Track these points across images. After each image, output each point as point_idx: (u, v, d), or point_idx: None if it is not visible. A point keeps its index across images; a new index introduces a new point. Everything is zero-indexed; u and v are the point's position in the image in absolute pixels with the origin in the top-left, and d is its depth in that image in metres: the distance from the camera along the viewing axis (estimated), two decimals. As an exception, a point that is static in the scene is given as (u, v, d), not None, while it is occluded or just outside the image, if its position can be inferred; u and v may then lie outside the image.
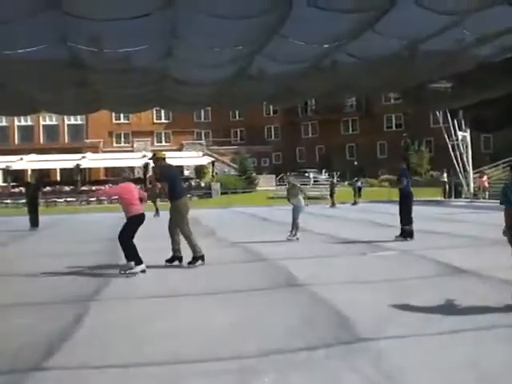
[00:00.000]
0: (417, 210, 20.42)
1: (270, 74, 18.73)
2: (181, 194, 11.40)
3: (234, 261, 11.62)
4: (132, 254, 10.29)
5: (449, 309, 6.80)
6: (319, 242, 14.82)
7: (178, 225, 11.23)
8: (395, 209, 15.75)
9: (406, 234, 14.18)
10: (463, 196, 37.10)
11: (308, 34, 14.67)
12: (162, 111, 64.47)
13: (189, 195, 11.67)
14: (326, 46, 15.88)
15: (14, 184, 49.25)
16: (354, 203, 34.97)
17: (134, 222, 10.49)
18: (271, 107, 63.93)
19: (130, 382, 4.71)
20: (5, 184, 52.17)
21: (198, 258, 11.00)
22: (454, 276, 9.08)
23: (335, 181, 42.42)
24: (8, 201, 46.20)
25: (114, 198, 10.82)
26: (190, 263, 10.95)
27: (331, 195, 35.26)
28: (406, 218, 14.34)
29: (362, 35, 14.76)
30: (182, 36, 14.31)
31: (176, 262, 11.17)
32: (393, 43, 15.88)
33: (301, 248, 13.47)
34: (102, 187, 47.39)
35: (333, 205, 33.67)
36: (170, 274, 10.20)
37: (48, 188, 48.94)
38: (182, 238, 11.20)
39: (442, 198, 37.96)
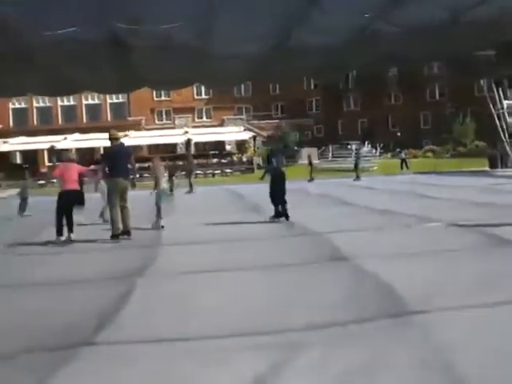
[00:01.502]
0: (463, 181, 20.11)
1: (311, 46, 18.51)
2: (118, 173, 11.96)
3: (278, 235, 11.62)
4: (56, 225, 11.74)
5: (496, 280, 6.67)
6: (364, 214, 14.72)
7: (108, 200, 12.23)
8: (439, 180, 15.54)
9: (276, 214, 13.98)
10: (509, 165, 36.36)
11: (347, 3, 14.44)
12: (203, 87, 64.51)
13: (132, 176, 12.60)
14: (367, 15, 15.61)
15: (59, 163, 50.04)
16: (357, 178, 33.50)
17: (60, 198, 11.94)
18: (312, 80, 63.40)
19: (177, 357, 4.74)
20: (50, 164, 53.05)
21: (115, 235, 11.63)
22: (500, 247, 8.91)
23: (362, 153, 41.50)
24: (54, 180, 46.92)
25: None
26: (111, 237, 11.72)
27: (356, 167, 34.52)
28: (277, 198, 14.02)
29: (404, 3, 14.46)
30: (220, 11, 14.23)
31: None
32: (435, 11, 15.52)
33: (346, 221, 13.40)
34: (145, 165, 47.86)
35: (357, 177, 33.01)
36: (213, 249, 10.25)
37: (92, 166, 49.59)
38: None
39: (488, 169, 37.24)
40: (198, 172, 49.96)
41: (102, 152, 42.38)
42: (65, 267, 9.35)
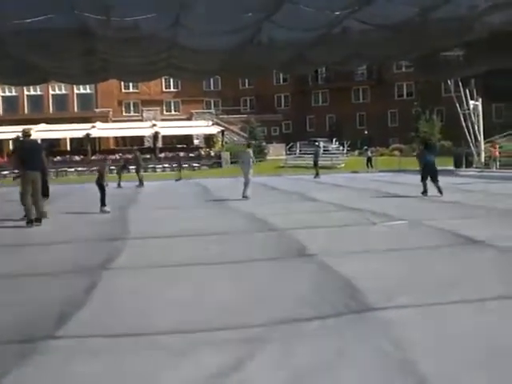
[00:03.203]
0: (428, 180, 20.24)
1: (280, 41, 18.54)
2: (28, 166, 13.20)
3: (244, 230, 11.61)
4: None
5: (458, 279, 6.76)
6: (329, 211, 14.79)
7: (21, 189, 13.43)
8: (405, 178, 15.67)
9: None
10: (474, 166, 36.87)
11: (319, 0, 14.49)
12: (171, 80, 64.16)
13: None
14: (337, 12, 15.67)
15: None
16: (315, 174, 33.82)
17: None
18: (281, 75, 63.50)
19: (140, 351, 4.72)
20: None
21: (30, 220, 13.00)
22: (464, 246, 9.03)
23: (320, 151, 41.69)
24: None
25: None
26: (27, 223, 12.99)
27: (315, 164, 34.54)
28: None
29: (374, 2, 14.57)
30: (190, 3, 14.16)
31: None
32: (405, 10, 15.66)
33: (310, 217, 13.45)
34: (113, 157, 47.50)
35: (317, 175, 33.08)
36: (180, 244, 10.22)
37: (58, 158, 49.04)
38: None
39: (453, 168, 37.70)
40: (166, 166, 49.81)
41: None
42: (27, 259, 9.23)
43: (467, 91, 35.72)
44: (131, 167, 33.52)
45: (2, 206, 15.28)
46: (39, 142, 40.76)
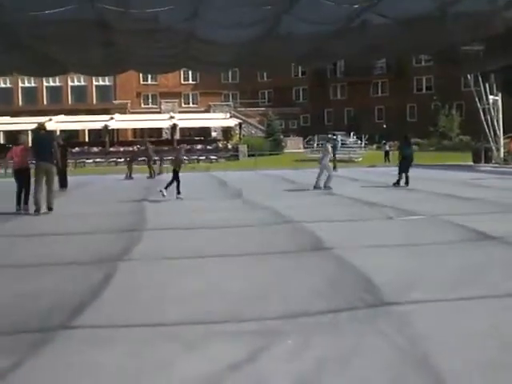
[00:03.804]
0: (445, 175, 20.24)
1: (299, 34, 18.48)
2: (40, 158, 13.90)
3: (260, 223, 11.62)
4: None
5: (473, 274, 6.73)
6: (345, 205, 14.77)
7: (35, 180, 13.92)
8: (421, 172, 15.59)
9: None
10: (493, 161, 36.57)
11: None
12: (190, 72, 64.26)
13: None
14: (356, 6, 15.59)
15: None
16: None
17: (14, 176, 14.40)
18: (299, 68, 63.27)
19: (155, 341, 4.75)
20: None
21: (37, 208, 13.65)
22: (480, 242, 8.98)
23: (339, 144, 41.40)
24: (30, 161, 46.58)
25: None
26: (34, 211, 13.66)
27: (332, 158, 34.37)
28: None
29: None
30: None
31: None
32: (424, 3, 15.55)
33: (327, 211, 13.43)
34: (130, 148, 47.66)
35: (334, 168, 32.91)
36: (197, 235, 10.26)
37: (77, 149, 49.32)
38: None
39: (472, 163, 37.39)
40: (184, 158, 49.87)
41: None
42: (46, 249, 9.31)
43: (487, 86, 35.39)
44: (140, 159, 33.64)
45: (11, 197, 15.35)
46: (58, 133, 41.14)
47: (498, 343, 4.54)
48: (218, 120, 58.44)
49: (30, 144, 15.25)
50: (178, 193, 16.69)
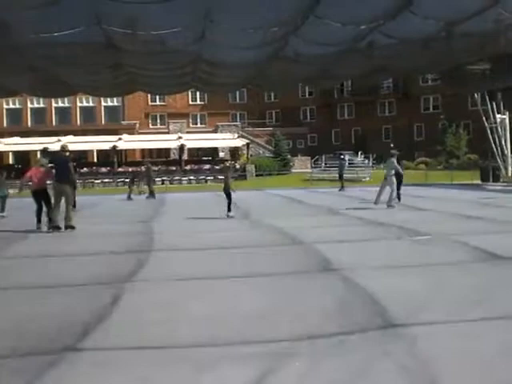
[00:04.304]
0: (453, 194, 20.16)
1: (306, 55, 18.58)
2: (57, 179, 14.76)
3: (268, 244, 11.61)
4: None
5: (483, 295, 6.70)
6: (353, 225, 14.74)
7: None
8: (430, 192, 15.55)
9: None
10: (501, 180, 36.48)
11: (344, 14, 14.50)
12: (198, 93, 64.57)
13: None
14: (363, 26, 15.68)
15: (51, 165, 49.70)
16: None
17: (33, 196, 15.07)
18: (307, 88, 63.50)
19: (164, 364, 4.74)
20: (37, 166, 52.74)
21: (53, 226, 14.33)
22: (490, 262, 8.93)
23: (346, 163, 41.41)
24: (48, 182, 46.82)
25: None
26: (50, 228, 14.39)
27: (340, 177, 34.52)
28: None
29: (399, 16, 14.55)
30: (216, 18, 14.26)
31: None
32: (430, 23, 15.62)
33: (336, 232, 13.41)
34: (138, 169, 47.79)
35: (342, 188, 32.96)
36: (205, 256, 10.25)
37: (85, 169, 49.53)
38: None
39: (480, 182, 37.29)
40: (191, 178, 50.09)
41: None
42: (53, 271, 9.32)
43: (494, 105, 35.42)
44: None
45: (29, 217, 15.50)
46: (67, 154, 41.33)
47: (510, 366, 4.51)
48: (225, 140, 58.61)
49: (46, 165, 15.95)
50: (229, 210, 17.17)
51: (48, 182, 15.48)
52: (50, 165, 16.11)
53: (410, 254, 9.98)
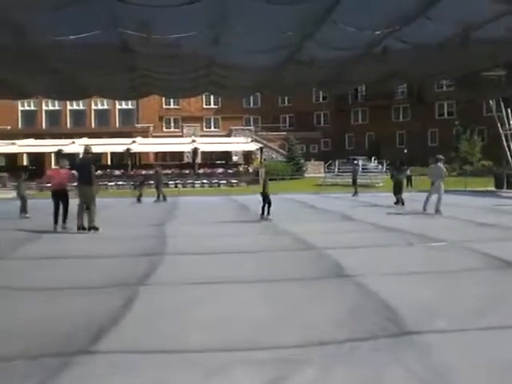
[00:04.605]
0: (467, 200, 20.01)
1: (321, 60, 18.54)
2: (80, 181, 15.04)
3: (280, 248, 11.59)
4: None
5: (497, 303, 6.65)
6: (367, 231, 14.69)
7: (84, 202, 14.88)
8: (444, 198, 15.49)
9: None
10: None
11: (359, 19, 14.45)
12: (212, 97, 64.73)
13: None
14: (378, 32, 15.62)
15: (67, 167, 49.84)
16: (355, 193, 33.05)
17: (52, 196, 15.45)
18: (321, 93, 63.47)
19: (175, 368, 4.75)
20: (57, 167, 53.09)
21: (78, 227, 14.67)
22: (504, 270, 8.87)
23: (359, 169, 41.31)
24: (68, 183, 46.99)
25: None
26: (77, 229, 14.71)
27: (354, 183, 34.45)
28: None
29: (415, 21, 14.48)
30: (231, 22, 14.26)
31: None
32: (446, 29, 15.54)
33: (348, 237, 13.36)
34: (151, 172, 47.96)
35: (355, 193, 32.82)
36: (217, 260, 10.25)
37: (99, 171, 49.73)
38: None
39: (494, 189, 37.03)
40: (204, 181, 50.15)
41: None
42: (67, 273, 9.35)
43: (509, 111, 35.22)
44: (150, 182, 34.14)
45: (47, 217, 15.65)
46: (80, 156, 41.52)
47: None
48: (239, 144, 58.63)
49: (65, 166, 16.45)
50: (268, 213, 17.57)
51: (68, 183, 15.90)
52: (67, 166, 16.53)
53: (424, 261, 9.92)
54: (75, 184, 15.69)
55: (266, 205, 17.60)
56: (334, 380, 4.39)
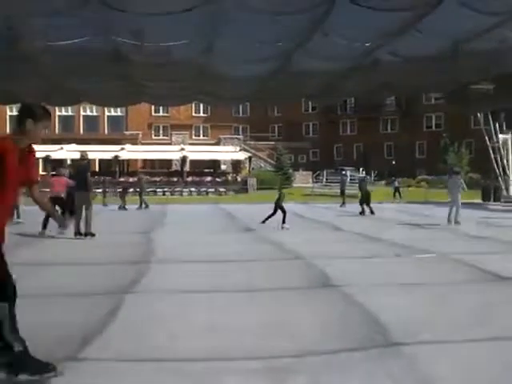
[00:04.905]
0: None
1: (310, 71, 18.63)
2: (77, 188, 15.34)
3: (268, 258, 11.60)
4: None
5: (484, 315, 6.67)
6: (354, 241, 14.71)
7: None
8: (432, 210, 15.52)
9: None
10: (502, 200, 36.43)
11: (350, 31, 14.55)
12: (201, 105, 64.75)
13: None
14: (368, 44, 15.74)
15: (54, 173, 49.57)
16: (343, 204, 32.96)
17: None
18: (310, 104, 63.70)
19: (163, 378, 4.73)
20: (44, 173, 52.84)
21: (75, 232, 14.90)
22: (492, 282, 8.91)
23: (347, 179, 41.46)
24: (47, 189, 46.79)
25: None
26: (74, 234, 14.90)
27: (342, 193, 34.52)
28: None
29: (405, 34, 14.60)
30: (222, 32, 14.32)
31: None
32: (435, 42, 15.67)
33: (336, 248, 13.38)
34: (135, 179, 47.91)
35: (343, 204, 32.77)
36: (205, 269, 10.22)
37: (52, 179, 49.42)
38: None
39: (481, 201, 37.22)
40: (192, 190, 50.10)
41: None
42: (52, 280, 9.29)
43: (497, 124, 35.49)
44: (131, 190, 34.59)
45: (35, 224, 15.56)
46: (68, 162, 41.29)
47: (511, 387, 4.49)
48: (227, 153, 58.69)
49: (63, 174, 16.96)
50: (283, 222, 17.63)
51: (63, 189, 16.28)
52: (65, 175, 16.99)
53: (412, 272, 9.95)
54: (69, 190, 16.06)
55: (282, 214, 17.80)
56: (322, 390, 4.40)
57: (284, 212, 17.76)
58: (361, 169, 56.04)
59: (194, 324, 6.33)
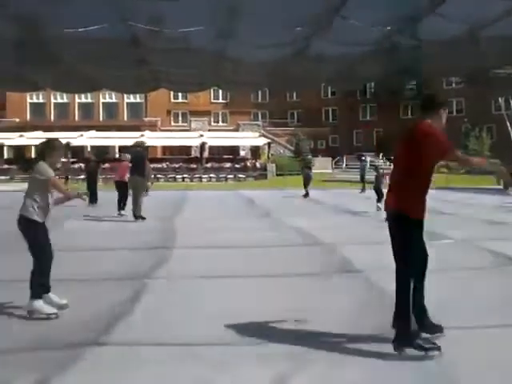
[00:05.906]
0: (475, 198, 19.96)
1: (330, 55, 18.48)
2: (133, 173, 16.50)
3: (288, 244, 11.59)
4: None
5: (504, 301, 6.62)
6: (375, 227, 14.65)
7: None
8: (451, 195, 15.41)
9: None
10: (523, 185, 36.03)
11: (370, 15, 14.40)
12: (220, 91, 64.57)
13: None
14: (388, 27, 15.57)
15: (74, 160, 50.02)
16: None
17: (116, 187, 17.57)
18: (329, 89, 63.29)
19: (184, 361, 4.77)
20: (65, 159, 53.20)
21: (134, 216, 15.85)
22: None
23: (367, 165, 41.04)
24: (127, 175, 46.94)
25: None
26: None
27: (362, 179, 34.23)
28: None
29: (426, 17, 14.42)
30: (240, 16, 14.24)
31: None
32: (456, 26, 15.47)
33: (356, 233, 13.35)
34: (159, 165, 48.05)
35: (363, 190, 32.54)
36: (224, 255, 10.25)
37: (107, 165, 49.78)
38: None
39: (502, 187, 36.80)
40: (212, 176, 50.17)
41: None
42: (77, 265, 9.35)
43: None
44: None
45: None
46: (88, 149, 41.47)
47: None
48: (246, 139, 58.62)
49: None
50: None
51: (126, 174, 17.25)
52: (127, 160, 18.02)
53: (431, 259, 9.87)
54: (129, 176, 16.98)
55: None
56: (341, 377, 4.39)
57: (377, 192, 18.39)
58: (381, 154, 55.68)
59: (215, 309, 6.36)
